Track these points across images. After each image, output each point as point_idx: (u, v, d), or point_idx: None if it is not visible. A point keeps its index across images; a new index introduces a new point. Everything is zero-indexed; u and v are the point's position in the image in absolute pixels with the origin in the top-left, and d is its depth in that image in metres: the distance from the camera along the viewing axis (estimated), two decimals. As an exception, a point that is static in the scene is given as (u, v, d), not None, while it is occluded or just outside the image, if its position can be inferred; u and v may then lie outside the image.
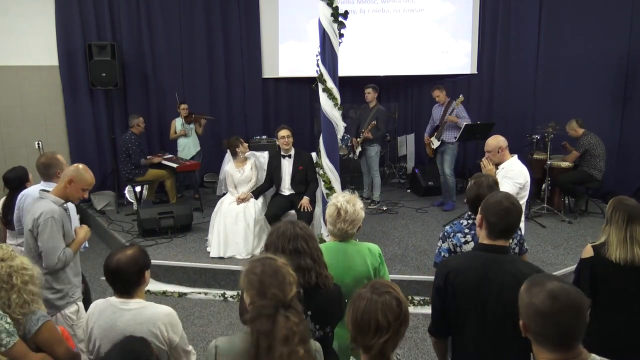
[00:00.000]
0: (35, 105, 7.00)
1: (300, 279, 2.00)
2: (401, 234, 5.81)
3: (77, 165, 2.98)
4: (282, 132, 5.21)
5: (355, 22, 6.87)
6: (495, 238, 2.11)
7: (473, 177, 2.84)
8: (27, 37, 6.79)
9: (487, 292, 2.01)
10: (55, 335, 2.29)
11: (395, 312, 1.55)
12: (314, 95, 6.60)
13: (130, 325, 2.04)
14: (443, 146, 6.71)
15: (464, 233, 2.68)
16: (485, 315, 2.03)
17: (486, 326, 2.03)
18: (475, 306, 2.05)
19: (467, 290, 2.05)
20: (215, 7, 7.97)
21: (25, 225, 2.90)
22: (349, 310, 1.60)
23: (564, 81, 7.43)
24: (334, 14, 4.61)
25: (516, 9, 7.73)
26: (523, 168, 3.72)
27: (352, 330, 1.58)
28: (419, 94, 8.68)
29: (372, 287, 1.63)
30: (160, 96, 7.78)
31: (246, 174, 5.46)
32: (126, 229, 6.17)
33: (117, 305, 2.09)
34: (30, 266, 2.27)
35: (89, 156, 7.15)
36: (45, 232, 2.77)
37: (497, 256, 2.09)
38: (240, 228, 5.20)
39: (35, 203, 2.92)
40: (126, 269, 2.07)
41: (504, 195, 2.17)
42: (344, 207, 2.48)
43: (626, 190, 6.54)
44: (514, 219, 2.10)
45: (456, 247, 2.68)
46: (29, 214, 2.89)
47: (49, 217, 2.78)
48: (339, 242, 2.53)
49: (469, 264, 2.11)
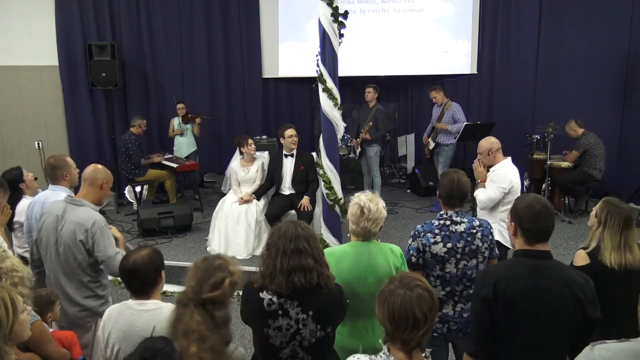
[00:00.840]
0: (35, 105, 7.00)
1: (301, 278, 2.01)
2: (401, 234, 5.81)
3: (96, 166, 2.93)
4: (289, 131, 5.19)
5: (355, 22, 6.86)
6: (535, 243, 2.02)
7: (442, 175, 2.86)
8: (27, 37, 6.79)
9: (540, 301, 1.93)
10: (44, 335, 2.28)
11: (429, 303, 1.61)
12: (314, 95, 6.60)
13: (150, 326, 2.03)
14: (438, 148, 6.74)
15: (433, 233, 2.65)
16: (541, 326, 1.93)
17: (541, 337, 1.94)
18: (527, 317, 1.93)
19: (517, 299, 1.93)
20: (215, 7, 7.96)
21: (69, 236, 2.71)
22: (383, 308, 1.63)
23: (564, 81, 7.43)
24: (334, 14, 4.60)
25: (516, 9, 7.73)
26: (510, 172, 3.61)
27: (389, 326, 1.62)
28: (419, 94, 8.67)
29: (401, 282, 1.66)
30: (160, 96, 7.78)
31: (250, 174, 5.46)
32: (126, 229, 6.17)
33: (135, 307, 2.09)
34: (20, 268, 2.25)
35: (89, 156, 7.14)
36: (103, 241, 2.73)
37: (542, 262, 2.00)
38: (242, 228, 5.20)
39: (73, 212, 2.75)
40: (143, 269, 2.07)
41: (534, 198, 2.08)
42: (367, 206, 2.47)
43: (626, 190, 6.55)
44: (548, 220, 2.01)
45: (425, 246, 2.65)
46: (69, 222, 2.72)
47: (102, 225, 2.75)
48: (362, 242, 2.52)
49: (515, 271, 1.99)
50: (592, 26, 7.13)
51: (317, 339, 2.08)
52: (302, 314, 2.04)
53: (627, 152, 7.09)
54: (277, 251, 2.05)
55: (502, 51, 7.89)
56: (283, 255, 2.03)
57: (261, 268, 2.10)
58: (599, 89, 7.19)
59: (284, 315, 2.04)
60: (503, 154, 3.81)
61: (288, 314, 2.04)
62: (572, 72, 7.36)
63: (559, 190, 6.48)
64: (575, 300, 1.92)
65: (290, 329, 2.05)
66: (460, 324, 2.69)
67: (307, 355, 2.10)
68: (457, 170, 2.81)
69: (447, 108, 6.52)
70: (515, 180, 3.58)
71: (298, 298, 2.04)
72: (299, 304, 2.04)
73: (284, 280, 2.01)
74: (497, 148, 3.73)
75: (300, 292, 2.03)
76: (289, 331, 2.05)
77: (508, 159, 3.75)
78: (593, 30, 7.12)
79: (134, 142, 6.49)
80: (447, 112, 6.54)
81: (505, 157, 3.77)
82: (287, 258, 2.02)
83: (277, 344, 2.07)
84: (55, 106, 7.13)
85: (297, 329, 2.05)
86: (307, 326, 2.05)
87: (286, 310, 2.04)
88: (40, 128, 7.05)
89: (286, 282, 2.01)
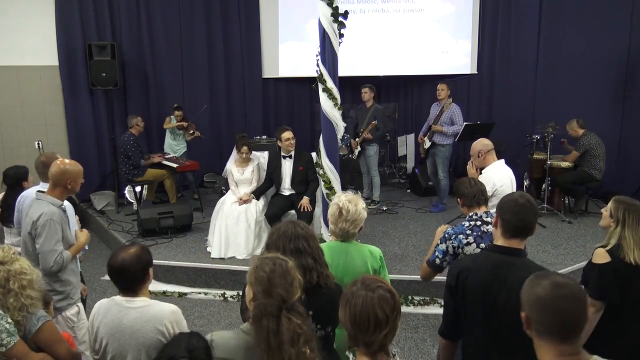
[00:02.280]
0: (35, 105, 7.00)
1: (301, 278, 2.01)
2: (401, 234, 5.81)
3: (61, 166, 2.86)
4: (286, 134, 5.19)
5: (355, 22, 6.86)
6: (510, 237, 2.06)
7: (457, 182, 2.96)
8: (27, 37, 6.79)
9: (496, 295, 1.97)
10: (55, 335, 2.29)
11: (390, 304, 1.59)
12: (314, 95, 6.60)
13: (137, 323, 2.04)
14: (434, 148, 6.64)
15: (465, 234, 2.67)
16: (492, 319, 1.99)
17: (493, 330, 2.00)
18: (484, 309, 2.01)
19: (476, 291, 2.03)
20: (215, 7, 7.96)
21: (24, 228, 2.87)
22: (345, 310, 1.61)
23: (564, 81, 7.44)
24: (334, 14, 4.61)
25: (516, 9, 7.73)
26: (496, 175, 3.56)
27: (351, 328, 1.59)
28: (419, 94, 8.68)
29: (363, 283, 1.64)
30: (160, 96, 7.78)
31: (246, 175, 5.47)
32: (126, 229, 6.17)
33: (123, 304, 2.09)
34: (29, 270, 2.25)
35: (89, 156, 7.15)
36: (43, 234, 2.76)
37: (509, 258, 2.04)
38: (242, 229, 5.20)
39: (32, 205, 2.88)
40: (131, 267, 2.07)
41: (519, 193, 2.14)
42: (345, 207, 2.48)
43: (626, 190, 6.55)
44: (528, 215, 2.04)
45: (456, 249, 2.67)
46: (27, 216, 2.87)
47: (47, 219, 2.76)
48: (341, 242, 2.53)
49: (479, 264, 2.08)
50: (592, 26, 7.13)
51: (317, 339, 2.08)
52: None
53: (627, 152, 7.10)
54: (277, 251, 2.05)
55: (502, 51, 7.90)
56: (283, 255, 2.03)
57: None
58: (599, 89, 7.19)
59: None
60: (501, 156, 3.79)
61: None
62: (572, 72, 7.36)
63: (559, 190, 6.48)
64: None
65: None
66: None
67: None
68: (469, 177, 3.02)
69: (447, 108, 6.46)
70: (500, 184, 3.50)
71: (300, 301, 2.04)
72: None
73: None
74: (487, 150, 3.69)
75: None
76: (290, 331, 2.05)
77: (500, 161, 3.69)
78: (593, 30, 7.12)
79: (133, 143, 6.49)
80: (445, 112, 6.48)
81: (500, 159, 3.72)
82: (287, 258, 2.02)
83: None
84: (55, 106, 7.14)
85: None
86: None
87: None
88: (40, 128, 7.05)
89: None
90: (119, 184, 7.18)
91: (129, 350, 2.03)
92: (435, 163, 6.70)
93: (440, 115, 6.55)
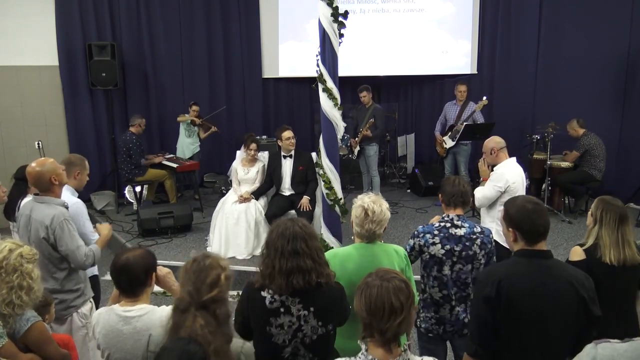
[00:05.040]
0: (35, 105, 7.00)
1: (300, 280, 2.03)
2: (401, 234, 5.81)
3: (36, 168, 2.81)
4: (287, 133, 5.20)
5: (355, 22, 6.86)
6: (535, 243, 2.01)
7: (444, 180, 2.94)
8: (27, 37, 6.79)
9: (546, 300, 1.92)
10: (45, 336, 2.29)
11: (405, 293, 1.63)
12: (314, 95, 6.59)
13: (138, 333, 2.02)
14: (457, 147, 6.69)
15: (432, 234, 2.70)
16: (545, 326, 1.93)
17: (545, 337, 1.94)
18: (532, 316, 1.93)
19: (524, 299, 1.93)
20: (215, 7, 7.97)
21: (34, 234, 2.80)
22: (360, 298, 1.65)
23: (564, 81, 7.43)
24: (334, 14, 4.60)
25: (516, 9, 7.73)
26: (509, 172, 3.61)
27: (366, 316, 1.63)
28: (419, 94, 8.68)
29: (378, 275, 1.69)
30: (160, 96, 7.78)
31: (250, 174, 5.46)
32: (126, 229, 6.16)
33: (120, 314, 2.06)
34: (36, 278, 2.25)
35: (89, 156, 6.99)
36: (64, 236, 2.75)
37: (544, 261, 2.00)
38: (242, 229, 5.20)
39: (35, 208, 2.83)
40: (134, 268, 2.06)
41: (523, 199, 2.10)
42: (371, 208, 2.47)
43: (626, 190, 6.54)
44: (545, 217, 2.01)
45: (422, 247, 2.71)
46: (33, 220, 2.81)
47: (61, 219, 2.76)
48: (366, 244, 2.53)
49: (519, 270, 1.98)
50: (592, 26, 7.13)
51: (318, 336, 2.09)
52: (303, 310, 2.05)
53: (627, 152, 7.09)
54: (276, 252, 2.05)
55: (502, 51, 7.90)
56: (281, 257, 2.04)
57: (261, 267, 2.11)
58: (599, 89, 7.18)
59: (285, 312, 2.05)
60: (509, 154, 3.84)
61: (290, 311, 2.05)
62: (572, 72, 7.35)
63: (559, 190, 6.48)
64: (579, 299, 1.93)
65: (292, 325, 2.06)
66: (457, 325, 2.75)
67: (308, 353, 2.10)
68: (457, 176, 2.96)
69: (479, 107, 6.47)
70: (512, 181, 3.57)
71: (299, 295, 2.05)
72: (300, 300, 2.05)
73: (284, 282, 2.02)
74: (498, 148, 3.76)
75: (301, 290, 2.04)
76: (291, 328, 2.06)
77: (512, 159, 3.77)
78: (593, 30, 7.11)
79: (135, 141, 6.49)
80: (466, 110, 6.55)
81: (511, 157, 3.79)
82: (285, 260, 2.03)
83: (279, 342, 2.07)
84: (55, 106, 7.14)
85: (299, 325, 2.06)
86: (308, 322, 2.06)
87: (288, 307, 2.05)
88: (40, 128, 7.05)
89: (286, 283, 2.02)
90: (119, 184, 7.18)
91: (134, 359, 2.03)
92: (456, 161, 6.80)
93: (461, 115, 6.62)
